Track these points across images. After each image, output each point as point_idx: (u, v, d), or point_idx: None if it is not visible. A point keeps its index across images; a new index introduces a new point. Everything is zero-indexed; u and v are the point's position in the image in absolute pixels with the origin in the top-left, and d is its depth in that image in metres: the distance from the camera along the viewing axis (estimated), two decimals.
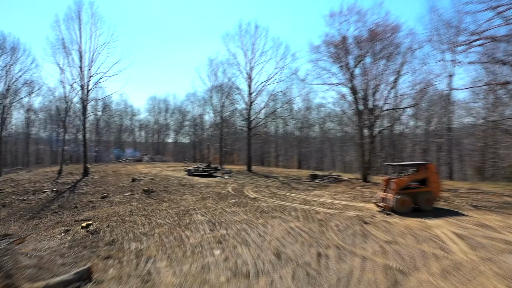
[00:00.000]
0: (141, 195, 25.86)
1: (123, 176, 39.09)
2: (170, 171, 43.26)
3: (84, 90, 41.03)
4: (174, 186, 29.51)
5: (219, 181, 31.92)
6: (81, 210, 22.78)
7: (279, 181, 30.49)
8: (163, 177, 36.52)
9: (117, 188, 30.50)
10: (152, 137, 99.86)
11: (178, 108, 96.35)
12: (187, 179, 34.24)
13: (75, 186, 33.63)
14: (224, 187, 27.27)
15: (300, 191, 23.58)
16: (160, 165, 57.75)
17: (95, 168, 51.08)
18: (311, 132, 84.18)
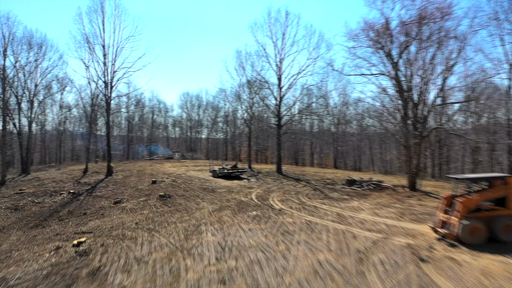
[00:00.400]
0: (156, 201, 23.50)
1: (146, 176, 37.28)
2: (196, 171, 41.01)
3: (107, 86, 39.56)
4: (194, 190, 26.94)
5: (244, 184, 28.98)
6: (88, 218, 20.73)
7: (311, 187, 26.99)
8: (186, 178, 34.20)
9: (135, 191, 28.47)
10: (185, 133, 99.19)
11: (211, 104, 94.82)
12: (210, 181, 31.63)
13: (95, 188, 32.11)
14: (248, 193, 24.25)
15: (335, 202, 20.01)
16: (188, 163, 55.96)
17: (121, 167, 50.08)
18: (348, 129, 79.33)
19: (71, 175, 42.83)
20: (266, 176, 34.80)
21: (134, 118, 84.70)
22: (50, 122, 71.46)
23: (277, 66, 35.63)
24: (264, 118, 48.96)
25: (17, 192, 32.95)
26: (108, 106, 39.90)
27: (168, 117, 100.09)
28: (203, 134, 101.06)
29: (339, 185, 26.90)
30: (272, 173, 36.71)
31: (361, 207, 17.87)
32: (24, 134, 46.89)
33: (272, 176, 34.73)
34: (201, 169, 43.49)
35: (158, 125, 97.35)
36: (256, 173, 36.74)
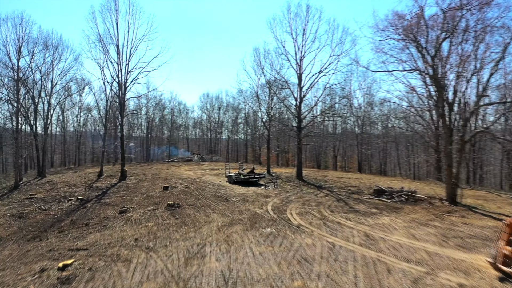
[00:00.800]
0: (164, 210, 21.65)
1: (159, 181, 35.73)
2: (212, 176, 39.16)
3: (121, 87, 38.33)
4: (206, 198, 24.95)
5: (261, 192, 26.74)
6: (89, 230, 19.09)
7: (334, 197, 24.42)
8: (200, 184, 32.34)
9: (145, 198, 26.81)
10: (205, 134, 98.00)
11: (231, 105, 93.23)
12: (225, 188, 29.59)
13: (105, 193, 30.77)
14: (264, 204, 22.01)
15: (361, 216, 17.44)
16: (206, 166, 54.32)
17: (137, 169, 48.97)
18: (372, 131, 75.68)
19: (86, 178, 41.98)
20: (285, 182, 32.42)
21: (154, 119, 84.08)
22: (71, 124, 71.74)
23: (297, 64, 33.26)
24: (284, 120, 46.61)
25: (27, 197, 32.13)
26: (121, 108, 38.65)
27: (189, 118, 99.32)
28: (224, 135, 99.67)
29: (366, 195, 24.18)
30: (292, 179, 34.29)
31: (394, 225, 15.25)
32: (40, 137, 46.45)
33: (292, 182, 32.32)
34: (218, 173, 41.62)
35: (178, 127, 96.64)
36: (275, 179, 34.43)
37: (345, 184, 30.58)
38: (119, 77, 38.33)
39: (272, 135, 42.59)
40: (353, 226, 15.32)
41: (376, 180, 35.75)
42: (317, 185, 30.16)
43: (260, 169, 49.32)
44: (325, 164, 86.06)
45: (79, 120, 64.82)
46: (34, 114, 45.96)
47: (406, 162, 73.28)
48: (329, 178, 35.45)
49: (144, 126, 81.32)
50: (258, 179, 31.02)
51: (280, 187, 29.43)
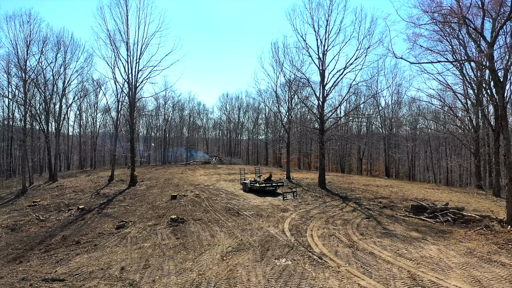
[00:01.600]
0: (166, 227, 18.90)
1: (170, 188, 33.25)
2: (227, 182, 36.35)
3: (131, 87, 36.15)
4: (216, 211, 22.05)
5: (278, 204, 23.59)
6: (78, 250, 16.55)
7: (363, 211, 20.95)
8: (212, 192, 29.54)
9: (149, 209, 24.23)
10: (224, 136, 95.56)
11: (252, 105, 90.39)
12: (238, 197, 26.62)
13: (110, 202, 28.51)
14: (280, 220, 18.86)
15: (400, 243, 13.97)
16: (223, 170, 51.65)
17: (151, 174, 46.83)
18: (401, 132, 70.91)
19: (96, 183, 40.17)
20: (306, 191, 29.09)
21: (172, 120, 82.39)
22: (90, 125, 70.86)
23: (319, 60, 29.86)
24: (306, 121, 43.29)
25: (30, 205, 30.36)
26: (131, 108, 36.44)
27: (209, 119, 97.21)
28: (245, 136, 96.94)
29: (401, 211, 20.54)
30: (314, 187, 30.91)
31: (446, 261, 11.76)
32: (51, 139, 45.06)
33: (314, 191, 28.95)
34: (234, 179, 38.77)
35: (198, 128, 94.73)
36: (295, 186, 31.17)
37: (374, 195, 26.94)
38: (129, 76, 36.19)
39: (293, 138, 39.33)
40: (391, 260, 11.94)
41: (408, 189, 31.84)
42: (342, 195, 26.65)
43: (280, 174, 46.12)
44: (349, 167, 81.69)
45: (95, 121, 63.58)
46: (46, 116, 44.64)
47: (436, 166, 68.20)
48: (355, 186, 31.84)
49: (163, 127, 79.65)
50: (275, 188, 27.84)
51: (300, 197, 26.15)
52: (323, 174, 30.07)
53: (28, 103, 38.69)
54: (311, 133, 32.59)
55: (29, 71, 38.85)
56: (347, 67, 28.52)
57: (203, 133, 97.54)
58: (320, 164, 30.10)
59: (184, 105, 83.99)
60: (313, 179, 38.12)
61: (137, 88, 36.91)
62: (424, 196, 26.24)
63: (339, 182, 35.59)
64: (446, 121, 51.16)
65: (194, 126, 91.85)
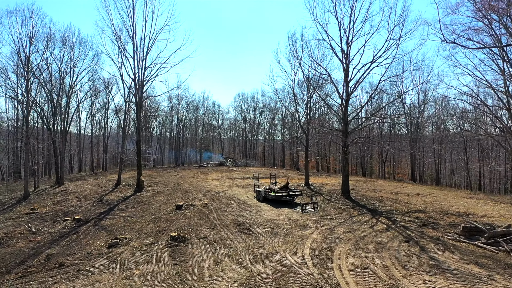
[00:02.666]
0: (164, 247, 16.05)
1: (178, 195, 30.58)
2: (240, 188, 33.41)
3: (137, 85, 33.68)
4: (224, 226, 19.09)
5: (296, 219, 20.42)
6: (58, 276, 13.89)
7: (399, 231, 17.54)
8: (222, 201, 26.63)
9: (150, 221, 21.50)
10: (240, 137, 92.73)
11: (268, 105, 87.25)
12: (251, 208, 23.57)
13: (111, 211, 25.99)
14: (300, 242, 15.71)
15: (460, 284, 10.62)
16: (237, 174, 48.79)
17: (161, 177, 44.41)
18: (426, 133, 66.36)
19: (102, 188, 37.99)
20: (328, 201, 25.76)
21: (185, 120, 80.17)
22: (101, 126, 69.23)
23: (342, 53, 26.49)
24: (325, 122, 39.94)
25: (27, 212, 28.24)
26: (138, 109, 33.95)
27: (225, 119, 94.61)
28: (261, 137, 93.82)
29: (447, 232, 17.01)
30: (336, 196, 27.53)
31: None
32: (58, 140, 43.14)
33: (336, 201, 25.60)
34: (247, 184, 35.81)
35: (213, 128, 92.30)
36: (314, 195, 27.90)
37: (407, 207, 23.39)
38: (135, 74, 33.72)
39: (311, 139, 36.01)
40: None
41: (443, 198, 28.10)
42: (370, 207, 23.20)
43: (297, 178, 42.85)
44: (370, 170, 77.47)
45: (106, 122, 61.80)
46: (53, 116, 42.78)
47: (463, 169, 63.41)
48: (382, 196, 28.31)
49: (175, 127, 77.52)
50: (293, 198, 24.61)
51: (321, 209, 22.85)
52: (346, 181, 26.66)
53: (31, 102, 36.70)
54: (333, 135, 29.19)
55: (34, 69, 36.87)
56: (374, 60, 25.04)
57: (218, 133, 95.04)
58: (344, 170, 26.67)
59: (198, 105, 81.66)
60: (334, 186, 34.72)
61: (144, 87, 34.39)
62: (466, 209, 22.56)
63: (363, 190, 32.08)
64: (482, 121, 46.79)
65: (209, 127, 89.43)
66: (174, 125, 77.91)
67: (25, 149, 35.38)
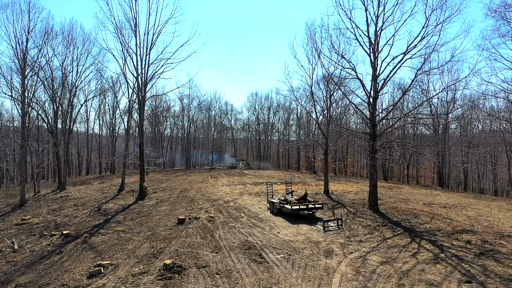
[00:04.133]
0: (155, 279, 12.92)
1: (183, 204, 27.58)
2: (252, 197, 30.16)
3: (140, 83, 30.86)
4: (230, 249, 15.83)
5: (317, 240, 16.99)
6: None
7: (451, 261, 13.91)
8: (231, 213, 23.41)
9: (147, 239, 18.47)
10: (253, 138, 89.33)
11: (282, 105, 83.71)
12: (263, 224, 20.22)
13: (106, 223, 23.16)
14: (324, 278, 12.32)
15: None
16: (250, 178, 45.58)
17: (168, 182, 41.60)
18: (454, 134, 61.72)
19: (105, 193, 35.41)
20: (353, 215, 22.15)
21: (196, 120, 77.47)
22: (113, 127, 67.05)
23: (370, 44, 22.88)
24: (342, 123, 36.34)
25: (18, 223, 25.74)
26: (141, 109, 31.10)
27: (238, 120, 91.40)
28: (275, 137, 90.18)
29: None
30: (362, 209, 23.87)
31: None
32: (60, 142, 40.76)
33: (363, 215, 21.96)
34: (260, 192, 32.53)
35: (225, 129, 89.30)
36: (336, 206, 24.35)
37: (450, 224, 19.60)
38: (137, 70, 30.90)
39: (331, 142, 32.42)
40: None
41: (487, 211, 24.17)
42: (406, 225, 19.50)
43: (315, 184, 39.30)
44: (391, 173, 73.00)
45: (114, 122, 59.43)
46: (54, 116, 40.44)
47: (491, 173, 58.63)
48: (415, 208, 24.54)
49: (186, 128, 74.87)
50: (313, 210, 21.09)
51: (347, 227, 19.31)
52: (374, 192, 22.97)
53: (29, 101, 34.29)
54: (358, 138, 25.46)
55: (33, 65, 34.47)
56: (408, 51, 21.35)
57: (231, 134, 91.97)
58: (371, 179, 22.95)
59: (210, 104, 78.71)
60: (357, 194, 31.09)
61: (147, 85, 31.51)
62: None
63: (391, 200, 28.33)
64: None
65: (222, 127, 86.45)
66: (185, 125, 75.20)
67: (21, 153, 32.98)
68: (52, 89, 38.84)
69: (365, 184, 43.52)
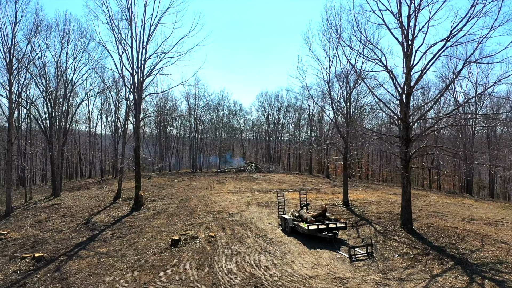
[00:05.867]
0: None
1: (182, 216, 24.15)
2: (261, 208, 26.51)
3: (135, 79, 27.54)
4: (231, 286, 12.21)
5: (344, 277, 13.19)
6: None
7: None
8: (236, 230, 19.78)
9: (131, 267, 14.96)
10: (263, 139, 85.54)
11: (293, 104, 79.87)
12: (274, 248, 16.50)
13: (90, 242, 19.81)
14: None
15: None
16: (259, 183, 42.01)
17: (169, 188, 38.33)
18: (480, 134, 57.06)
19: (100, 201, 32.34)
20: (384, 236, 18.22)
21: (203, 120, 74.19)
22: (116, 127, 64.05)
23: (402, 29, 19.01)
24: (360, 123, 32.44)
25: None
26: (137, 108, 27.75)
27: (247, 120, 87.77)
28: (285, 137, 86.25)
29: None
30: (392, 227, 19.89)
31: None
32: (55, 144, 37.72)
33: (396, 237, 18.00)
34: (270, 201, 28.90)
35: (233, 130, 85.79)
36: (360, 223, 20.51)
37: (509, 251, 15.66)
38: (133, 66, 27.59)
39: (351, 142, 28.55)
40: None
41: None
42: (454, 254, 15.50)
43: (330, 192, 35.45)
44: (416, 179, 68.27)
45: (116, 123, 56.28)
46: (49, 116, 37.45)
47: None
48: (457, 226, 20.56)
49: (193, 129, 71.59)
50: (334, 234, 17.17)
51: (379, 255, 15.44)
52: (408, 208, 18.97)
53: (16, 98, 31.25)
54: (388, 142, 21.44)
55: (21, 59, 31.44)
56: (452, 35, 17.38)
57: (239, 135, 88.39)
58: (404, 193, 18.89)
59: (218, 104, 75.28)
60: (381, 205, 27.23)
61: (144, 82, 28.17)
62: None
63: (421, 212, 24.37)
64: None
65: (230, 128, 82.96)
66: (192, 126, 71.92)
67: (6, 157, 29.94)
68: (45, 86, 35.86)
69: (386, 191, 39.47)
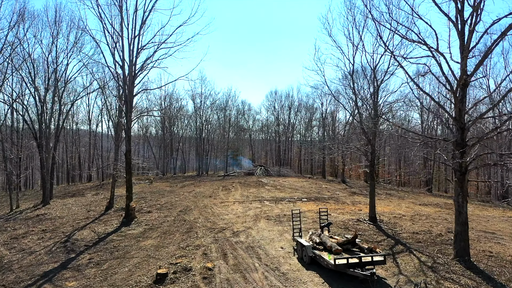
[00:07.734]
0: None
1: (178, 234, 20.25)
2: (271, 224, 22.38)
3: (125, 73, 23.79)
4: None
5: None
6: None
7: None
8: (240, 257, 15.67)
9: None
10: (273, 140, 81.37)
11: (304, 103, 75.67)
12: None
13: (62, 269, 15.99)
14: None
15: None
16: (269, 190, 37.95)
17: (170, 195, 34.62)
18: None
19: (90, 211, 28.87)
20: (434, 274, 13.77)
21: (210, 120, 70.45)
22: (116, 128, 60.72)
23: (457, 6, 14.65)
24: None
25: None
26: (127, 106, 23.93)
27: (256, 120, 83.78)
28: (296, 138, 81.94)
29: None
30: (442, 258, 15.43)
31: None
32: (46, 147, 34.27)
33: (452, 275, 13.49)
34: (282, 214, 24.78)
35: (242, 130, 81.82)
36: (395, 248, 16.26)
37: None
38: (123, 58, 23.83)
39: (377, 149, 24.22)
40: None
41: None
42: None
43: (350, 203, 31.15)
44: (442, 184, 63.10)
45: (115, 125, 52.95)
46: (39, 116, 34.10)
47: None
48: None
49: (198, 129, 67.89)
50: (371, 274, 12.64)
51: None
52: (465, 234, 14.40)
53: None
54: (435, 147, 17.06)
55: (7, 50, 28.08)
56: None
57: (248, 136, 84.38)
58: (459, 213, 14.28)
59: (225, 104, 71.37)
60: (415, 221, 22.91)
61: (136, 76, 24.32)
62: None
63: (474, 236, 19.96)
64: None
65: (238, 129, 79.01)
66: (198, 127, 68.24)
67: None
68: (32, 81, 32.48)
69: (412, 200, 35.02)
